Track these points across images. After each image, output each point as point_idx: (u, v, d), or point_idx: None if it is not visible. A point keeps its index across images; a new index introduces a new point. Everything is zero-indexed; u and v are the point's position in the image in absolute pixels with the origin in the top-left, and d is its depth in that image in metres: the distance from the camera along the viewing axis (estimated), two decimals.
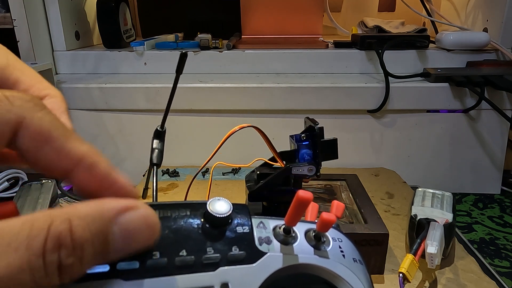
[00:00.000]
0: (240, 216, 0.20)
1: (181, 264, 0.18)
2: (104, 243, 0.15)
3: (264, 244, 0.20)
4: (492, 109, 0.66)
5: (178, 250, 0.19)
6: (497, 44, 0.72)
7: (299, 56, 0.75)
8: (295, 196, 0.19)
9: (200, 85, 0.68)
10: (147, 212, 0.17)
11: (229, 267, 0.19)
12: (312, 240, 0.21)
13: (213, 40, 0.77)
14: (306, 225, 0.21)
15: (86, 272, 0.16)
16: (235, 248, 0.19)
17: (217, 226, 0.20)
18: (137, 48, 0.75)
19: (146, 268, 0.18)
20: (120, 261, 0.17)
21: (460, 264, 0.46)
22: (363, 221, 0.45)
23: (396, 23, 0.88)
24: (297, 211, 0.19)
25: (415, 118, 0.69)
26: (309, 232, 0.21)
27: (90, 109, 0.70)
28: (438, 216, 0.44)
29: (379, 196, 0.61)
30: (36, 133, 0.16)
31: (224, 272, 0.19)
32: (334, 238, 0.21)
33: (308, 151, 0.42)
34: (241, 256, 0.19)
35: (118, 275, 0.17)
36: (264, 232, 0.20)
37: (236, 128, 0.40)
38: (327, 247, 0.21)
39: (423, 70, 0.71)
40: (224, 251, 0.19)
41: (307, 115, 0.46)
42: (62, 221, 0.14)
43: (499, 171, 0.71)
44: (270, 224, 0.21)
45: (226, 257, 0.19)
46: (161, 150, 0.39)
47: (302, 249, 0.20)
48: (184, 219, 0.20)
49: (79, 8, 0.82)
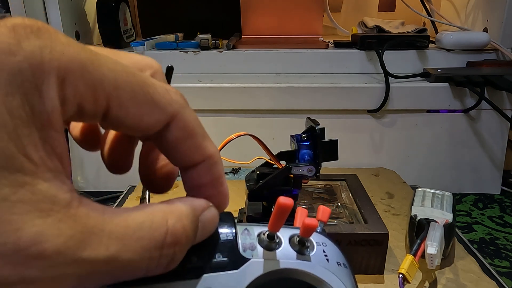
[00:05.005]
0: (224, 224, 0.21)
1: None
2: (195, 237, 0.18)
3: (248, 251, 0.20)
4: (492, 109, 0.66)
5: None
6: (497, 44, 0.72)
7: (299, 56, 0.75)
8: (276, 203, 0.19)
9: (200, 85, 0.68)
10: (216, 211, 0.19)
11: (212, 274, 0.19)
12: (296, 245, 0.21)
13: (213, 40, 0.77)
14: (291, 230, 0.22)
15: None
16: (219, 255, 0.20)
17: None
18: (137, 48, 0.75)
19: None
20: None
21: (460, 264, 0.46)
22: (363, 221, 0.45)
23: (396, 23, 0.88)
24: (279, 217, 0.20)
25: (415, 118, 0.69)
26: (293, 237, 0.21)
27: None
28: (438, 216, 0.44)
29: (379, 196, 0.61)
30: (185, 128, 0.18)
31: (208, 279, 0.19)
32: (318, 243, 0.22)
33: (308, 152, 0.42)
34: (224, 262, 0.19)
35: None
36: (249, 239, 0.21)
37: (232, 136, 0.40)
38: (311, 252, 0.21)
39: (423, 70, 0.71)
40: (208, 258, 0.19)
41: (307, 115, 0.46)
42: (176, 219, 0.17)
43: (499, 171, 0.71)
44: (255, 231, 0.21)
45: (209, 265, 0.19)
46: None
47: (285, 254, 0.21)
48: None
49: (79, 8, 0.82)
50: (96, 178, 0.71)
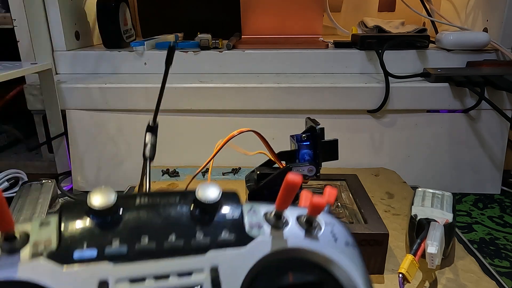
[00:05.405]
0: (230, 202, 0.21)
1: (170, 248, 0.18)
2: None
3: (254, 229, 0.20)
4: (492, 109, 0.66)
5: (167, 235, 0.19)
6: (497, 44, 0.72)
7: (299, 56, 0.75)
8: (285, 179, 0.19)
9: (200, 85, 0.68)
10: None
11: (218, 250, 0.19)
12: (303, 225, 0.21)
13: (213, 40, 0.77)
14: (297, 210, 0.22)
15: (73, 256, 0.17)
16: (225, 232, 0.19)
17: (207, 212, 0.20)
18: (137, 48, 0.75)
19: (135, 252, 0.18)
20: (108, 245, 0.18)
21: (460, 264, 0.46)
22: (363, 221, 0.45)
23: (396, 23, 0.88)
24: (287, 194, 0.19)
25: (415, 118, 0.69)
26: (300, 217, 0.21)
27: (90, 109, 0.70)
28: (438, 216, 0.44)
29: (379, 196, 0.61)
30: None
31: (214, 256, 0.19)
32: (326, 223, 0.21)
33: (308, 152, 0.42)
34: (231, 240, 0.19)
35: (106, 258, 0.18)
36: (255, 218, 0.20)
37: (235, 133, 0.40)
38: (319, 232, 0.21)
39: (423, 70, 0.71)
40: (214, 235, 0.19)
41: (307, 115, 0.46)
42: None
43: (499, 171, 0.71)
44: (261, 210, 0.21)
45: (215, 241, 0.19)
46: (154, 145, 0.40)
47: (293, 234, 0.20)
48: (173, 206, 0.20)
49: (79, 8, 0.82)
50: (96, 178, 0.71)
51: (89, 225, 0.19)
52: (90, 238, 0.18)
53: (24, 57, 0.75)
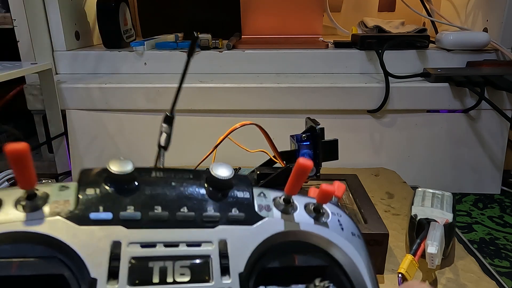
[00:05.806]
0: (241, 184, 0.21)
1: (182, 219, 0.19)
2: None
3: (263, 211, 0.21)
4: (492, 109, 0.66)
5: (180, 206, 0.20)
6: (497, 44, 0.72)
7: (299, 56, 0.75)
8: (296, 164, 0.19)
9: (200, 85, 0.68)
10: None
11: (228, 226, 0.20)
12: (312, 212, 0.21)
13: (213, 40, 0.77)
14: (305, 198, 0.22)
15: (89, 217, 0.18)
16: (235, 210, 0.20)
17: (219, 189, 0.21)
18: (137, 48, 0.75)
19: (148, 219, 0.19)
20: (122, 210, 0.19)
21: (460, 264, 0.46)
22: (363, 221, 0.45)
23: (396, 23, 0.88)
24: (298, 178, 0.20)
25: (415, 118, 0.69)
26: (308, 205, 0.22)
27: (90, 109, 0.70)
28: (438, 216, 0.44)
29: (379, 196, 0.61)
30: None
31: (223, 230, 0.19)
32: (333, 213, 0.22)
33: (308, 152, 0.42)
34: (240, 217, 0.20)
35: (120, 223, 0.19)
36: (265, 201, 0.21)
37: (237, 126, 0.40)
38: (327, 219, 0.21)
39: (423, 70, 0.71)
40: (224, 211, 0.20)
41: (307, 115, 0.46)
42: None
43: (499, 171, 0.71)
44: (270, 195, 0.22)
45: (225, 217, 0.20)
46: (169, 134, 0.40)
47: (302, 218, 0.21)
48: (187, 181, 0.21)
49: (79, 8, 0.82)
50: None
51: (106, 191, 0.20)
52: (107, 203, 0.19)
53: (24, 57, 0.75)
